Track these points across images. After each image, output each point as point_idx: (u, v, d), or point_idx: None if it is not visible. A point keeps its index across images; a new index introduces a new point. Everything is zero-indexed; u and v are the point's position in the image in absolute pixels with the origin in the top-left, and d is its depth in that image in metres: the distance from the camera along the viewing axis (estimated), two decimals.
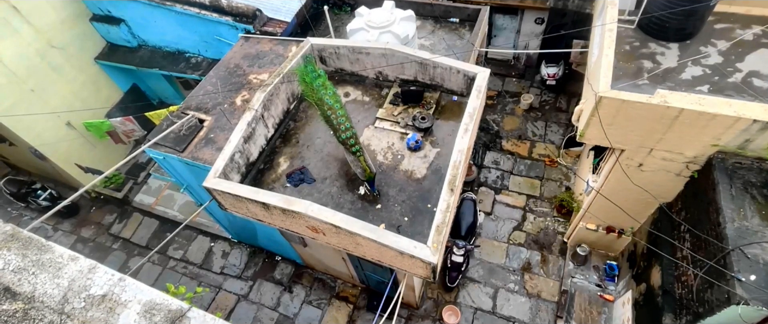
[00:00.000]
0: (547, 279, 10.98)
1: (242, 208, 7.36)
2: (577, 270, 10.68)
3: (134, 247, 13.38)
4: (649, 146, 7.22)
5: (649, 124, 6.79)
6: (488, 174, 13.12)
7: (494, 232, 11.93)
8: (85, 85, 13.38)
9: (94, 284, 2.89)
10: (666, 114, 6.52)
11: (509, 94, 15.08)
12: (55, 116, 12.66)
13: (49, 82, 12.41)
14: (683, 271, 7.02)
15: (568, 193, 11.92)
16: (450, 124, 8.47)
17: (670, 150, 7.13)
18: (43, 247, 3.06)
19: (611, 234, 9.87)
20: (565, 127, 13.83)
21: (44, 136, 12.59)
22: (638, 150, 7.38)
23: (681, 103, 6.38)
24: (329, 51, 9.14)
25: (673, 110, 6.43)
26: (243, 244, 12.86)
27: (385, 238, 6.00)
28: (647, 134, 6.98)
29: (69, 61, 12.86)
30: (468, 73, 8.26)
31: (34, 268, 2.95)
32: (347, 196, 7.59)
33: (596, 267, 10.60)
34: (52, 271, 2.94)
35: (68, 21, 12.59)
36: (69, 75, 12.93)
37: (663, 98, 6.46)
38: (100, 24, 13.01)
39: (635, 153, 7.48)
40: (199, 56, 12.81)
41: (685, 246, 7.09)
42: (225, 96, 9.22)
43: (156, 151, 8.46)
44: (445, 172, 7.15)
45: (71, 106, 12.96)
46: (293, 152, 8.41)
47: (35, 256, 3.02)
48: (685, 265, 6.99)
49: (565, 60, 14.20)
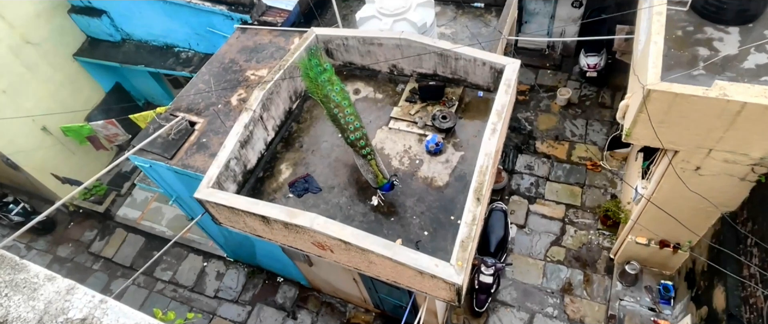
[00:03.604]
0: (591, 302, 10.85)
1: (239, 223, 7.41)
2: (627, 291, 10.55)
3: (117, 267, 13.55)
4: (708, 146, 7.12)
5: (707, 121, 6.69)
6: (521, 181, 13.05)
7: (529, 247, 11.84)
8: (63, 85, 13.65)
9: (73, 307, 2.93)
10: (726, 109, 6.42)
11: (544, 88, 15.00)
12: (29, 120, 12.91)
13: (22, 83, 12.68)
14: (751, 291, 6.88)
15: (614, 202, 11.79)
16: (475, 123, 8.45)
17: (733, 150, 7.01)
18: (18, 266, 3.12)
19: (666, 249, 9.74)
20: (609, 125, 13.70)
21: (17, 143, 12.83)
22: (695, 151, 7.29)
23: (744, 96, 6.28)
24: (336, 42, 9.19)
25: (734, 104, 6.33)
26: (240, 263, 12.94)
27: (402, 256, 5.99)
28: (705, 133, 6.88)
29: (45, 58, 13.13)
30: (495, 65, 8.23)
31: (6, 289, 3.01)
32: (358, 208, 7.60)
33: (649, 287, 10.47)
34: (27, 292, 3.00)
35: (45, 14, 12.87)
36: (45, 74, 13.21)
37: (722, 91, 6.36)
38: (79, 16, 13.28)
39: (691, 154, 7.38)
40: (189, 51, 12.98)
41: (753, 262, 6.96)
42: (219, 95, 9.32)
43: (142, 158, 8.57)
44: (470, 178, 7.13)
45: (47, 109, 13.21)
46: (296, 158, 8.46)
47: (8, 275, 3.08)
48: (753, 285, 6.86)
49: (607, 48, 14.06)
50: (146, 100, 16.06)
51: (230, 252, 12.70)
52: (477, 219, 6.21)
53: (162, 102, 15.33)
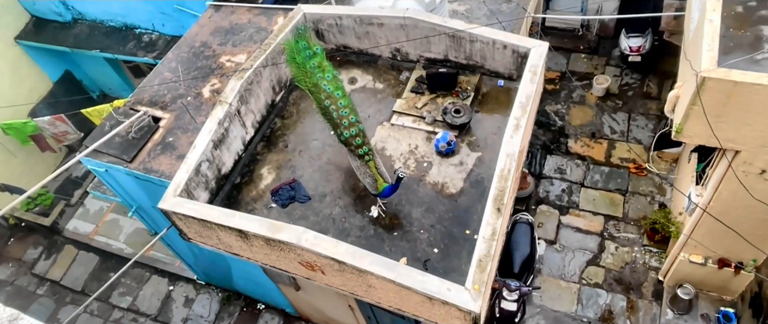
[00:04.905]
0: None
1: (212, 238, 7.41)
2: (679, 320, 10.51)
3: (66, 291, 13.54)
4: None
5: None
6: (550, 187, 13.04)
7: (560, 267, 11.82)
8: (1, 74, 13.67)
9: None
10: None
11: (577, 75, 15.00)
12: None
13: None
14: None
15: (662, 213, 11.76)
16: (495, 118, 8.44)
17: None
18: None
19: (726, 269, 9.69)
20: (655, 120, 13.70)
21: None
22: (760, 151, 7.26)
23: None
24: (329, 22, 9.19)
25: None
26: (213, 287, 12.94)
27: (407, 278, 5.97)
28: None
29: None
30: (518, 48, 8.22)
31: None
32: (355, 220, 7.59)
33: (706, 316, 10.42)
34: None
35: None
36: None
37: None
38: None
39: (756, 155, 7.35)
40: (153, 33, 13.01)
41: None
42: (188, 85, 9.33)
43: (96, 160, 8.58)
44: (489, 184, 7.11)
45: None
46: (281, 160, 8.45)
47: None
48: None
49: (653, 27, 14.06)
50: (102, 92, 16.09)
51: (201, 273, 12.70)
52: (497, 233, 6.19)
53: (120, 94, 15.34)
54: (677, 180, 11.89)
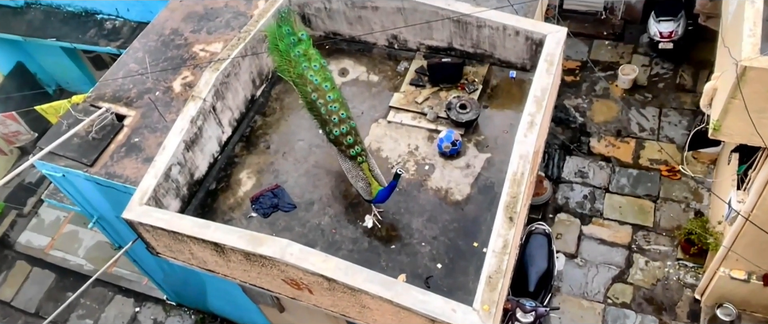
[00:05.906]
0: None
1: (184, 252, 7.39)
2: None
3: (18, 314, 13.52)
4: None
5: None
6: (570, 192, 13.05)
7: (582, 285, 11.82)
8: None
9: None
10: None
11: (600, 65, 15.02)
12: None
13: None
14: None
15: (699, 222, 11.77)
16: (506, 114, 8.45)
17: None
18: None
19: None
20: (690, 116, 13.72)
21: None
22: None
23: None
24: (316, 5, 9.20)
25: None
26: (185, 308, 12.93)
27: (406, 297, 5.96)
28: None
29: None
30: (533, 34, 8.24)
31: None
32: (346, 231, 7.59)
33: None
34: None
35: None
36: None
37: None
38: None
39: None
40: (117, 19, 13.01)
41: None
42: (157, 78, 9.32)
43: (52, 164, 8.56)
44: (499, 190, 7.11)
45: None
46: (262, 163, 8.45)
47: None
48: None
49: (686, 11, 14.09)
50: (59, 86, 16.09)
51: (172, 293, 12.69)
52: (510, 246, 6.19)
53: (80, 88, 15.33)
54: (715, 184, 11.91)
